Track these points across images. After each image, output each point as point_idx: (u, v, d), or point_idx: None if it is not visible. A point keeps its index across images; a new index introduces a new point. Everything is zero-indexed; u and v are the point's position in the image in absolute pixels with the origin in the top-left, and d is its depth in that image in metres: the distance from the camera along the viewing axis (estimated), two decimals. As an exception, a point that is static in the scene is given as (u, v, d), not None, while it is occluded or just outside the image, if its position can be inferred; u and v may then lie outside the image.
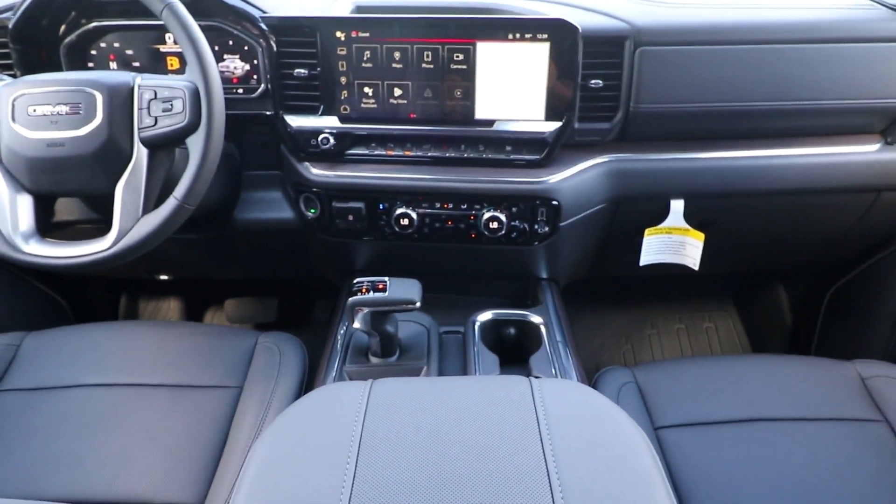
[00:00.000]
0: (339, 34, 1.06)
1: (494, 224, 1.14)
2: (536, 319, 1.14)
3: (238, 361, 1.10)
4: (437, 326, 1.13)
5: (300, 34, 1.08)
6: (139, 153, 0.92)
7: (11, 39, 1.08)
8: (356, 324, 0.96)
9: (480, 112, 1.09)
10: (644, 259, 1.28)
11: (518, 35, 1.03)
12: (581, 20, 1.04)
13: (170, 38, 1.14)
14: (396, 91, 1.09)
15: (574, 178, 1.13)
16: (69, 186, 0.95)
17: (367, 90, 1.09)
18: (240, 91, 1.14)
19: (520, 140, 1.11)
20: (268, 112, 1.15)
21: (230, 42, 1.12)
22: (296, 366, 1.10)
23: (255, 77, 1.14)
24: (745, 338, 1.86)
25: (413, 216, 1.15)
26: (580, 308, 1.76)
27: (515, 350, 1.12)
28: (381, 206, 1.16)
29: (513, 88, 1.07)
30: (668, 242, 1.26)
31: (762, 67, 1.09)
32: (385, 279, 0.96)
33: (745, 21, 1.09)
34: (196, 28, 0.91)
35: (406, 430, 0.63)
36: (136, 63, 1.15)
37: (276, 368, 1.08)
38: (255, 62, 1.13)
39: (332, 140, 1.12)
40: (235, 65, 1.14)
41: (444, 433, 0.63)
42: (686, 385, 1.08)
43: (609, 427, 0.65)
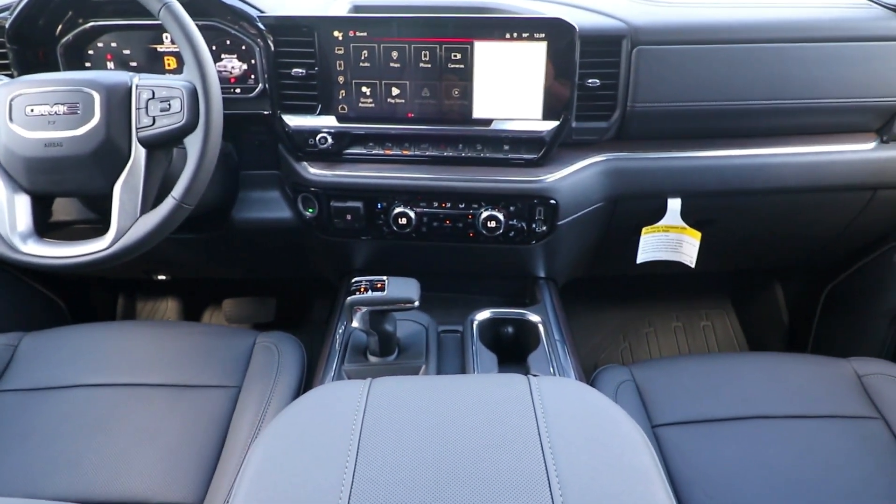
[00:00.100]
0: (337, 34, 1.06)
1: (492, 223, 1.14)
2: (534, 318, 1.15)
3: (236, 361, 1.10)
4: (436, 325, 1.14)
5: (298, 34, 1.08)
6: (137, 153, 0.92)
7: (8, 39, 1.07)
8: (355, 323, 0.96)
9: (478, 111, 1.09)
10: (641, 257, 1.28)
11: (515, 34, 1.03)
12: (578, 19, 1.04)
13: (167, 38, 1.14)
14: (394, 90, 1.09)
15: (572, 177, 1.13)
16: (67, 186, 0.95)
17: (365, 90, 1.10)
18: (237, 91, 1.14)
19: (517, 139, 1.11)
20: (265, 112, 1.14)
21: (228, 42, 1.12)
22: (294, 365, 1.10)
23: (253, 77, 1.14)
24: (742, 336, 1.86)
25: (411, 215, 1.15)
26: (578, 307, 1.76)
27: (514, 349, 1.12)
28: (380, 206, 1.16)
29: (510, 88, 1.07)
30: (665, 241, 1.27)
31: (759, 66, 1.09)
32: (384, 278, 0.96)
33: (742, 20, 1.10)
34: (194, 28, 0.91)
35: (405, 429, 0.63)
36: (134, 63, 1.15)
37: (275, 368, 1.08)
38: (253, 62, 1.13)
39: (330, 139, 1.12)
40: (233, 64, 1.14)
41: (443, 431, 0.63)
42: (683, 383, 1.08)
43: (607, 425, 0.65)
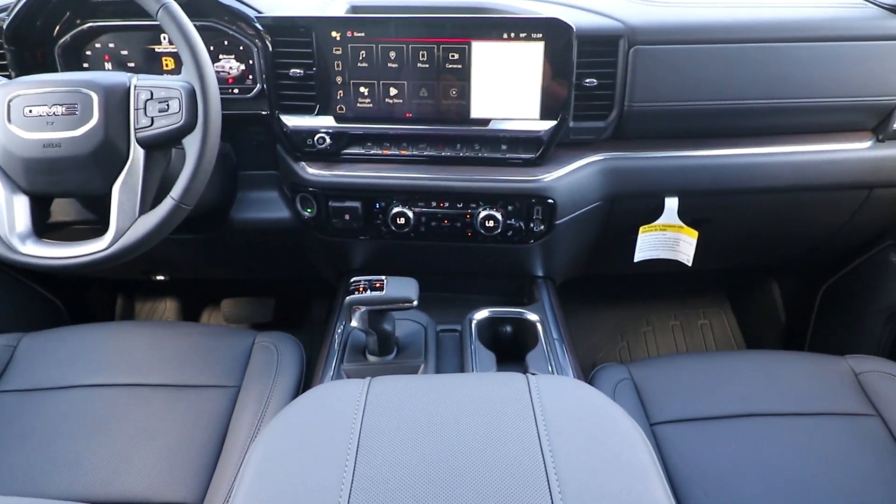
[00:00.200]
0: (335, 34, 1.06)
1: (490, 223, 1.14)
2: (533, 317, 1.15)
3: (236, 361, 1.10)
4: (434, 325, 1.14)
5: (295, 34, 1.08)
6: (136, 153, 0.92)
7: (6, 40, 1.07)
8: (354, 322, 0.96)
9: (476, 111, 1.09)
10: (638, 255, 1.29)
11: (513, 34, 1.04)
12: (575, 19, 1.04)
13: (165, 39, 1.14)
14: (392, 90, 1.09)
15: (569, 177, 1.13)
16: (66, 187, 0.95)
17: (363, 90, 1.10)
18: (235, 91, 1.14)
19: (515, 139, 1.11)
20: (264, 112, 1.15)
21: (225, 42, 1.12)
22: (293, 365, 1.10)
23: (251, 77, 1.14)
24: (740, 334, 1.87)
25: (409, 215, 1.15)
26: (576, 306, 1.77)
27: (512, 348, 1.12)
28: (378, 206, 1.16)
29: (508, 87, 1.07)
30: (663, 239, 1.27)
31: (755, 66, 1.09)
32: (382, 278, 0.96)
33: (738, 20, 1.10)
34: (192, 28, 0.91)
35: (405, 427, 0.63)
36: (132, 63, 1.15)
37: (274, 368, 1.09)
38: (251, 62, 1.13)
39: (328, 140, 1.12)
40: (231, 65, 1.14)
41: (443, 430, 0.63)
42: (681, 381, 1.08)
43: (605, 423, 0.66)
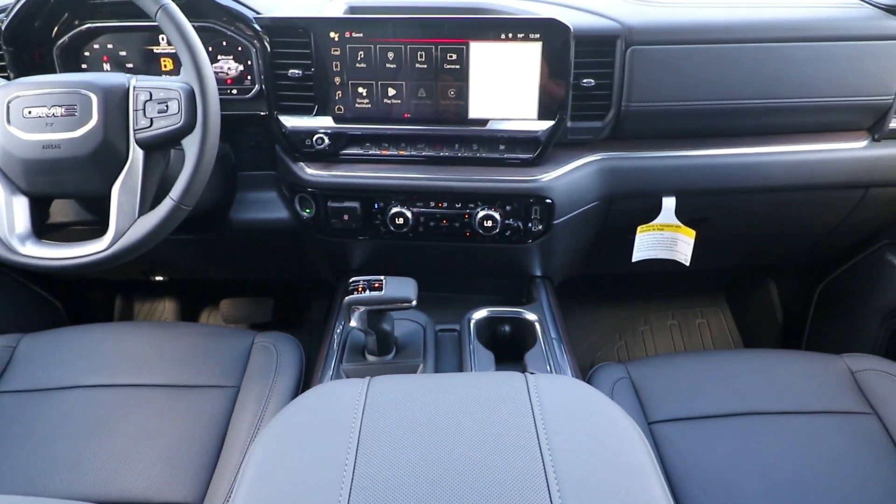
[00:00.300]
0: (333, 35, 1.07)
1: (489, 222, 1.15)
2: (531, 317, 1.15)
3: (235, 361, 1.11)
4: (433, 324, 1.14)
5: (294, 35, 1.08)
6: (135, 154, 0.92)
7: (4, 41, 1.07)
8: (353, 322, 0.97)
9: (474, 111, 1.10)
10: (636, 255, 1.29)
11: (511, 35, 1.04)
12: (573, 20, 1.04)
13: (163, 40, 1.14)
14: (390, 91, 1.10)
15: (567, 177, 1.14)
16: (65, 188, 0.95)
17: (361, 90, 1.10)
18: (234, 92, 1.15)
19: (513, 139, 1.11)
20: (262, 113, 1.15)
21: (224, 43, 1.13)
22: (293, 365, 1.10)
23: (250, 78, 1.14)
24: (737, 333, 1.88)
25: (408, 215, 1.16)
26: (574, 305, 1.77)
27: (510, 347, 1.13)
28: (376, 206, 1.17)
29: (506, 88, 1.07)
30: (660, 239, 1.28)
31: (752, 66, 1.10)
32: (381, 278, 0.96)
33: (735, 20, 1.10)
34: (191, 29, 0.91)
35: (404, 427, 0.64)
36: (130, 64, 1.15)
37: (273, 368, 1.09)
38: (249, 63, 1.13)
39: (327, 140, 1.13)
40: (229, 65, 1.14)
41: (442, 429, 0.63)
42: (679, 380, 1.09)
43: (604, 422, 0.66)
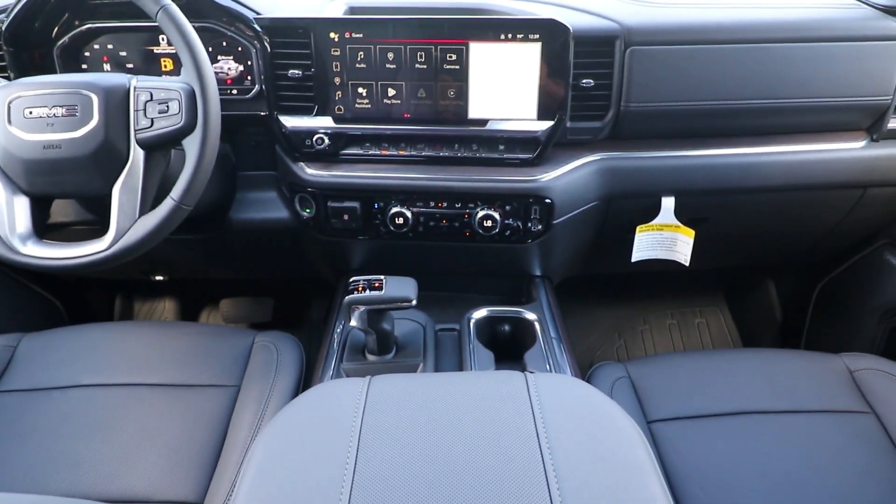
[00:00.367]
0: (333, 35, 1.07)
1: (488, 222, 1.15)
2: (531, 316, 1.16)
3: (235, 360, 1.11)
4: (433, 324, 1.15)
5: (294, 35, 1.08)
6: (136, 154, 0.93)
7: (5, 41, 1.08)
8: (353, 322, 0.97)
9: (474, 112, 1.10)
10: (636, 255, 1.30)
11: (510, 35, 1.04)
12: (572, 20, 1.05)
13: (163, 40, 1.14)
14: (390, 91, 1.10)
15: (566, 177, 1.14)
16: (66, 188, 0.95)
17: (361, 90, 1.10)
18: (234, 92, 1.15)
19: (513, 139, 1.12)
20: (262, 113, 1.15)
21: (224, 43, 1.13)
22: (293, 364, 1.10)
23: (250, 78, 1.14)
24: (736, 332, 1.88)
25: (408, 215, 1.16)
26: (574, 305, 1.77)
27: (510, 347, 1.13)
28: (376, 206, 1.17)
29: (505, 88, 1.08)
30: (660, 239, 1.28)
31: (751, 66, 1.10)
32: (381, 277, 0.97)
33: (734, 20, 1.11)
34: (191, 30, 0.92)
35: (405, 425, 0.64)
36: (130, 64, 1.15)
37: (274, 367, 1.09)
38: (249, 63, 1.13)
39: (327, 140, 1.13)
40: (229, 66, 1.14)
41: (443, 428, 0.64)
42: (678, 379, 1.09)
43: (603, 420, 0.66)
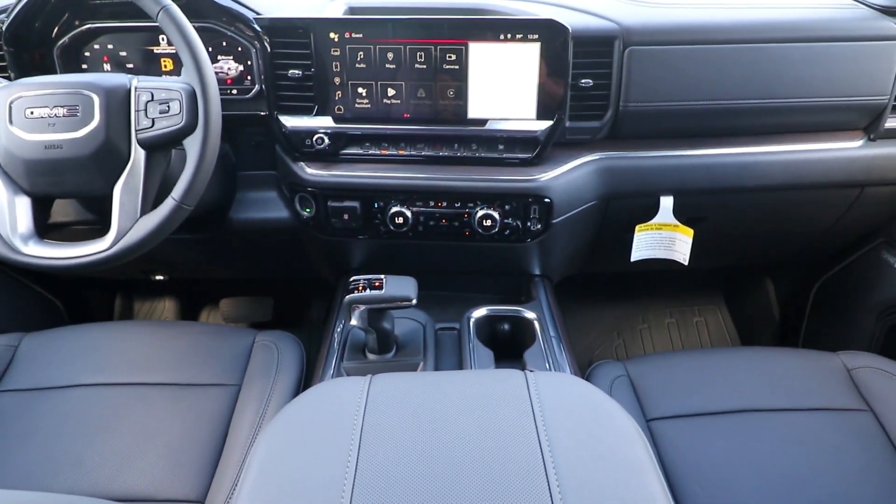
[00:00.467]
0: (333, 35, 1.07)
1: (488, 222, 1.15)
2: (530, 315, 1.16)
3: (236, 359, 1.11)
4: (433, 323, 1.15)
5: (294, 35, 1.09)
6: (137, 154, 0.93)
7: (5, 42, 1.08)
8: (353, 321, 0.97)
9: (473, 111, 1.10)
10: (635, 255, 1.30)
11: (509, 35, 1.05)
12: (571, 20, 1.05)
13: (163, 40, 1.15)
14: (390, 91, 1.10)
15: (565, 176, 1.15)
16: (67, 188, 0.95)
17: (361, 90, 1.11)
18: (234, 92, 1.15)
19: (512, 139, 1.12)
20: (262, 113, 1.15)
21: (224, 43, 1.13)
22: (294, 363, 1.11)
23: (250, 78, 1.15)
24: (735, 331, 1.89)
25: (408, 215, 1.16)
26: (573, 304, 1.78)
27: (510, 345, 1.14)
28: (376, 205, 1.17)
29: (505, 88, 1.08)
30: (659, 238, 1.28)
31: (748, 66, 1.11)
32: (381, 277, 0.97)
33: (732, 21, 1.11)
34: (192, 30, 0.92)
35: (406, 424, 0.64)
36: (130, 65, 1.16)
37: (275, 366, 1.09)
38: (249, 63, 1.14)
39: (327, 140, 1.13)
40: (229, 66, 1.14)
41: (443, 426, 0.64)
42: (677, 378, 1.10)
43: (603, 418, 0.67)
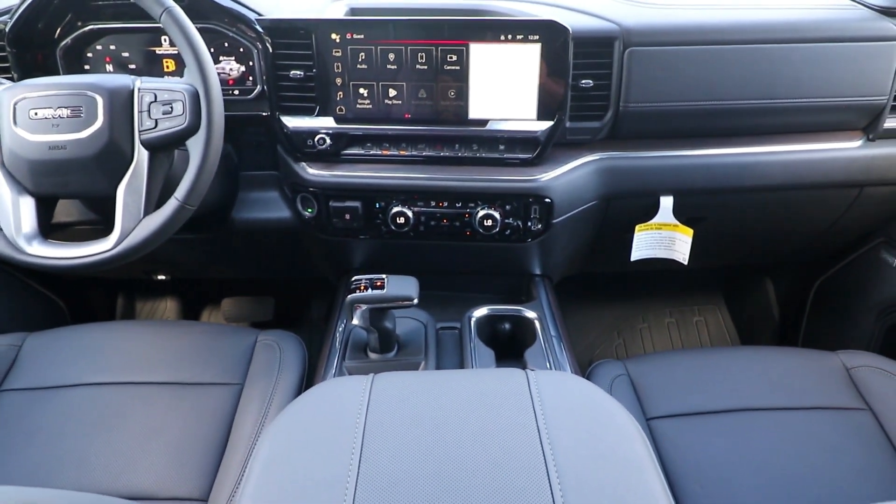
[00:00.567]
0: (334, 36, 1.08)
1: (489, 222, 1.16)
2: (531, 314, 1.17)
3: (239, 359, 1.12)
4: (434, 322, 1.15)
5: (295, 36, 1.09)
6: (140, 155, 0.94)
7: (8, 43, 1.08)
8: (355, 320, 0.98)
9: (474, 112, 1.11)
10: (635, 254, 1.31)
11: (510, 36, 1.05)
12: (571, 21, 1.06)
13: (165, 41, 1.15)
14: (391, 92, 1.11)
15: (566, 176, 1.15)
16: (71, 188, 0.96)
17: (363, 91, 1.11)
18: (236, 92, 1.16)
19: (513, 139, 1.12)
20: (264, 113, 1.16)
21: (226, 44, 1.14)
22: (296, 362, 1.11)
23: (251, 78, 1.15)
24: (734, 330, 1.89)
25: (409, 214, 1.17)
26: (573, 304, 1.78)
27: (510, 345, 1.14)
28: (378, 205, 1.18)
29: (505, 88, 1.09)
30: (658, 238, 1.29)
31: (748, 67, 1.11)
32: (383, 277, 0.97)
33: (732, 22, 1.12)
34: (195, 31, 0.93)
35: (408, 422, 0.65)
36: (133, 65, 1.16)
37: (277, 365, 1.10)
38: (251, 64, 1.14)
39: (329, 140, 1.14)
40: (231, 66, 1.15)
41: (445, 424, 0.65)
42: (677, 377, 1.10)
43: (603, 417, 0.67)
